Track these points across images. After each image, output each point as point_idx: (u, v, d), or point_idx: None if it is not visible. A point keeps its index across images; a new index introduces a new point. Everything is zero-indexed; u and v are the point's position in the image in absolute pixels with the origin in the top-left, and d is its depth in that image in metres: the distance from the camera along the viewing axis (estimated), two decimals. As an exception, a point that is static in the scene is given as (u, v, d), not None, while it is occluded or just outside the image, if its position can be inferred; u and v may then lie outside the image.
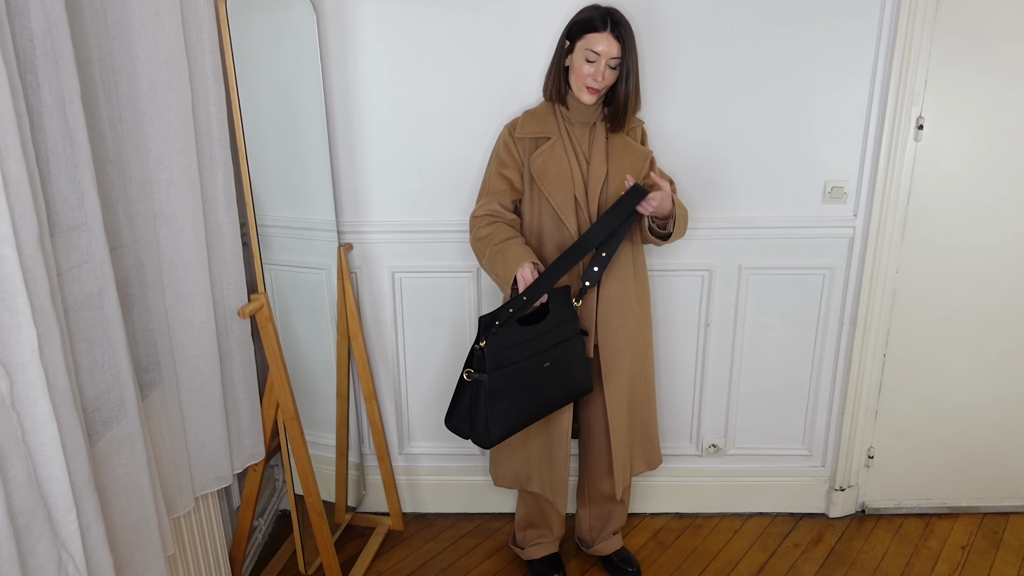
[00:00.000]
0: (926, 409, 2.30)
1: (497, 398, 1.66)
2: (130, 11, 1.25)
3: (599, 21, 1.66)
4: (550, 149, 1.78)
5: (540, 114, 1.83)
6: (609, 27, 1.66)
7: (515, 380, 1.68)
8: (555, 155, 1.78)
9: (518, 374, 1.68)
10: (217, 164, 1.52)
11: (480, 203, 1.87)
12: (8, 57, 0.89)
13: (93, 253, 1.14)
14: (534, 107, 1.87)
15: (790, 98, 2.01)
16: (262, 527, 2.26)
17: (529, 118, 1.83)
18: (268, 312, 1.68)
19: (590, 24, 1.67)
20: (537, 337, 1.71)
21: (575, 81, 1.74)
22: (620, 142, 1.82)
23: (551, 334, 1.74)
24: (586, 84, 1.70)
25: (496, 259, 1.76)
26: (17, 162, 0.90)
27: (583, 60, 1.69)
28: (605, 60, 1.67)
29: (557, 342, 1.75)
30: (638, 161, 1.83)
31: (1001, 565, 2.16)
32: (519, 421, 1.72)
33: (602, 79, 1.69)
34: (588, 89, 1.71)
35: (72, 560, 1.03)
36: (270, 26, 1.78)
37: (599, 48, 1.66)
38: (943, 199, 2.09)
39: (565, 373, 1.77)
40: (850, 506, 2.40)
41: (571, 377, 1.78)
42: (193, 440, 1.54)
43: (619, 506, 2.09)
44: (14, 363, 0.92)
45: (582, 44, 1.69)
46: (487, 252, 1.79)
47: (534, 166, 1.78)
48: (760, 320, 2.22)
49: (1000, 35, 1.95)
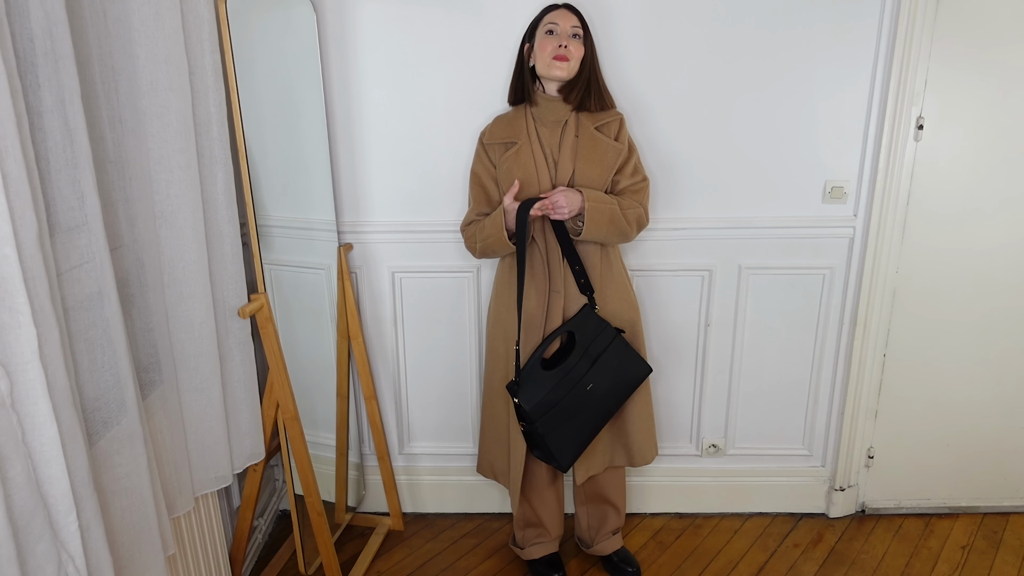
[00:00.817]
0: (926, 409, 2.30)
1: (553, 436, 1.78)
2: (130, 11, 1.25)
3: (552, 5, 1.80)
4: (515, 154, 1.80)
5: (509, 119, 1.85)
6: (563, 6, 1.79)
7: (563, 415, 1.79)
8: (520, 159, 1.79)
9: (564, 411, 1.79)
10: (217, 164, 1.52)
11: (465, 216, 1.96)
12: (8, 57, 0.89)
13: (93, 253, 1.14)
14: (504, 112, 1.91)
15: (790, 98, 2.01)
16: (262, 527, 2.26)
17: (498, 123, 1.87)
18: (268, 312, 1.68)
19: (545, 10, 1.80)
20: (570, 371, 1.79)
21: (542, 63, 1.75)
22: (589, 139, 1.79)
23: (583, 360, 1.80)
24: (553, 55, 1.73)
25: (484, 230, 1.83)
26: (17, 162, 0.90)
27: (544, 37, 1.75)
28: (565, 28, 1.74)
29: (595, 359, 1.80)
30: (609, 156, 1.79)
31: (1001, 565, 2.16)
32: (583, 439, 1.84)
33: (567, 45, 1.72)
34: (557, 59, 1.73)
35: (72, 560, 1.03)
36: (270, 26, 1.78)
37: (557, 20, 1.75)
38: (943, 199, 2.09)
39: (617, 378, 1.84)
40: (850, 506, 2.40)
41: (625, 376, 1.86)
42: (193, 440, 1.54)
43: (613, 507, 2.09)
44: (14, 363, 0.92)
45: (540, 28, 1.77)
46: (477, 238, 1.86)
47: (500, 172, 1.83)
48: (760, 320, 2.22)
49: (1000, 35, 1.95)
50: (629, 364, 1.87)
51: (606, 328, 1.84)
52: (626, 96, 2.01)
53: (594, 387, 1.81)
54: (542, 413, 1.76)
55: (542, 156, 1.80)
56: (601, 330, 1.83)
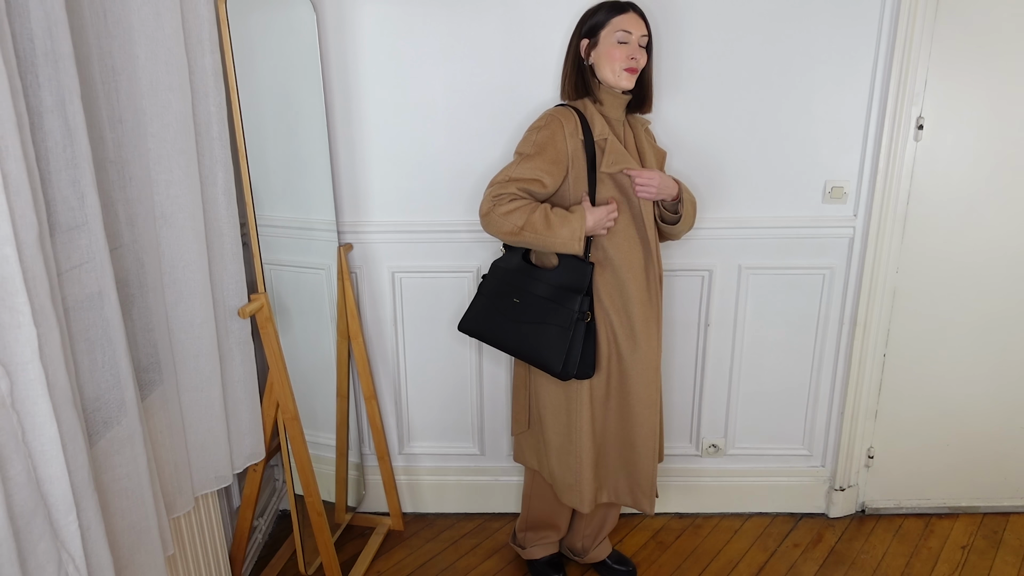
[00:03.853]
0: (926, 409, 2.30)
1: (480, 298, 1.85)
2: (130, 11, 1.25)
3: (617, 5, 1.69)
4: (612, 146, 1.69)
5: (591, 113, 1.74)
6: (631, 8, 1.69)
7: (493, 296, 1.82)
8: (621, 153, 1.70)
9: (497, 294, 1.81)
10: (217, 164, 1.52)
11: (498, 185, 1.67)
12: (8, 57, 0.89)
13: (93, 253, 1.14)
14: (566, 105, 1.77)
15: (790, 98, 2.01)
16: (262, 527, 2.26)
17: (576, 115, 1.71)
18: (268, 312, 1.68)
19: (615, 8, 1.68)
20: (527, 276, 1.75)
21: (609, 69, 1.67)
22: (646, 140, 1.81)
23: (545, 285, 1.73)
24: (625, 67, 1.66)
25: (549, 222, 1.64)
26: (17, 162, 0.90)
27: (614, 45, 1.66)
28: (637, 38, 1.67)
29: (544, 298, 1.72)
30: (661, 160, 1.84)
31: (1001, 565, 2.16)
32: (480, 328, 1.83)
33: (638, 57, 1.67)
34: (627, 71, 1.67)
35: (72, 560, 1.03)
36: (270, 26, 1.78)
37: (630, 27, 1.66)
38: (943, 199, 2.09)
39: (531, 330, 1.74)
40: (850, 506, 2.40)
41: (533, 339, 1.74)
42: (193, 440, 1.54)
43: (613, 509, 2.08)
44: (14, 363, 0.92)
45: (610, 30, 1.67)
46: (528, 221, 1.64)
47: (612, 167, 1.68)
48: (760, 320, 2.22)
49: (1000, 35, 1.95)
50: (551, 339, 1.73)
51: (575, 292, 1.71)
52: (626, 96, 2.01)
53: (520, 304, 1.76)
54: (492, 274, 1.83)
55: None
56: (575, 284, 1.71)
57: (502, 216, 1.65)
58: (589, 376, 1.76)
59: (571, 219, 1.64)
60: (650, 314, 1.77)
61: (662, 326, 1.90)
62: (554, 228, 1.64)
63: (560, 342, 1.71)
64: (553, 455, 1.88)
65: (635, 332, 1.75)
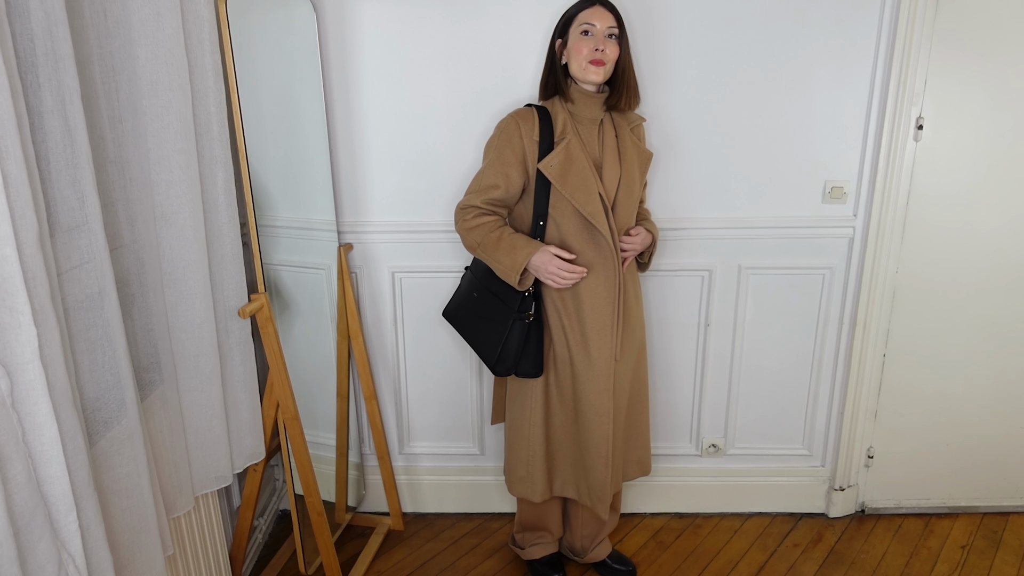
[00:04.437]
0: (926, 409, 2.30)
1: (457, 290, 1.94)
2: (130, 11, 1.25)
3: (586, 1, 1.69)
4: (566, 148, 1.68)
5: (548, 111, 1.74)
6: (598, 2, 1.68)
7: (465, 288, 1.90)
8: (572, 153, 1.68)
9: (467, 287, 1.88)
10: (217, 164, 1.52)
11: (467, 196, 1.78)
12: (8, 57, 0.89)
13: (93, 253, 1.14)
14: (534, 102, 1.82)
15: (790, 98, 2.01)
16: (262, 527, 2.26)
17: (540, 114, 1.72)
18: (268, 312, 1.68)
19: (579, 5, 1.69)
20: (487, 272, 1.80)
21: (577, 65, 1.67)
22: (629, 140, 1.77)
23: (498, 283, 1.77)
24: (590, 59, 1.65)
25: (498, 247, 1.70)
26: (17, 162, 0.90)
27: (579, 38, 1.66)
28: (602, 29, 1.66)
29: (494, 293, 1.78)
30: (644, 162, 1.81)
31: (1001, 565, 2.16)
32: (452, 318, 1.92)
33: (603, 48, 1.65)
34: (593, 64, 1.65)
35: (72, 560, 1.03)
36: (270, 26, 1.78)
37: (594, 20, 1.66)
38: (943, 199, 2.09)
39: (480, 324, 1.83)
40: (850, 506, 2.40)
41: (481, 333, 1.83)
42: (193, 440, 1.54)
43: (612, 511, 2.08)
44: (14, 363, 0.92)
45: (575, 26, 1.68)
46: (483, 241, 1.73)
47: (551, 169, 1.67)
48: (760, 320, 2.22)
49: (1000, 35, 1.95)
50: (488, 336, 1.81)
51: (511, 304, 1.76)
52: (626, 96, 2.01)
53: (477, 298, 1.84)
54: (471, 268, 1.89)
55: (587, 155, 1.71)
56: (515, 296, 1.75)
57: (465, 231, 1.77)
58: (533, 376, 1.80)
59: (517, 251, 1.68)
60: (606, 323, 1.75)
61: (638, 333, 1.87)
62: (500, 254, 1.70)
63: (496, 337, 1.77)
64: (510, 448, 1.93)
65: (587, 340, 1.75)
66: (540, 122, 1.71)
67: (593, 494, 1.86)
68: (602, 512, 1.86)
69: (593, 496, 1.86)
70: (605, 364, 1.76)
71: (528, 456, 1.88)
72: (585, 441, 1.82)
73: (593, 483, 1.84)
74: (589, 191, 1.68)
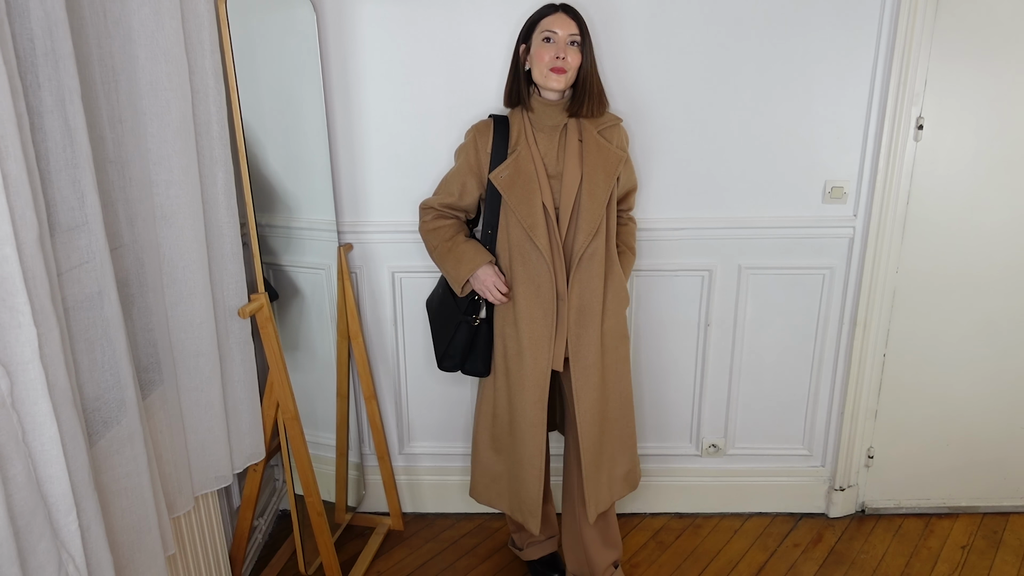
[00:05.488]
0: (926, 409, 2.30)
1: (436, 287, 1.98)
2: (130, 11, 1.25)
3: (549, 7, 1.71)
4: (515, 161, 1.72)
5: (506, 120, 1.78)
6: (561, 8, 1.70)
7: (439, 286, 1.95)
8: (521, 165, 1.72)
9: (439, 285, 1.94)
10: (217, 164, 1.52)
11: (432, 196, 1.89)
12: (8, 57, 0.89)
13: (93, 253, 1.14)
14: (499, 112, 1.85)
15: (790, 98, 2.01)
16: (262, 527, 2.26)
17: (496, 124, 1.77)
18: (268, 312, 1.68)
19: (542, 11, 1.71)
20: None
21: (539, 72, 1.69)
22: (594, 144, 1.75)
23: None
24: (551, 67, 1.66)
25: (448, 256, 1.81)
26: (17, 162, 0.90)
27: (541, 45, 1.67)
28: (564, 36, 1.66)
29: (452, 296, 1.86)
30: (612, 163, 1.75)
31: (1001, 565, 2.16)
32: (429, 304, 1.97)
33: (564, 56, 1.66)
34: (554, 71, 1.66)
35: (72, 560, 1.03)
36: (270, 26, 1.78)
37: (555, 27, 1.67)
38: (943, 199, 2.09)
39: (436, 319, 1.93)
40: (850, 506, 2.40)
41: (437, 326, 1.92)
42: (193, 440, 1.54)
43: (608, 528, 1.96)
44: (14, 363, 0.92)
45: (538, 32, 1.69)
46: (438, 246, 1.84)
47: (500, 180, 1.72)
48: (760, 320, 2.22)
49: (1000, 35, 1.95)
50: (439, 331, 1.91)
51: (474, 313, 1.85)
52: (626, 96, 2.01)
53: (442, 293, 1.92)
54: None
55: (542, 164, 1.73)
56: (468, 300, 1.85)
57: (424, 233, 1.89)
58: (479, 374, 1.88)
59: (463, 264, 1.79)
60: (542, 333, 1.75)
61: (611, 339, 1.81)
62: (448, 264, 1.82)
63: (446, 334, 1.88)
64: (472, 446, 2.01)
65: (522, 348, 1.77)
66: (496, 133, 1.77)
67: (525, 508, 1.87)
68: (533, 527, 1.87)
69: (524, 511, 1.88)
70: (540, 375, 1.77)
71: (475, 462, 1.98)
72: (518, 453, 1.84)
73: (525, 496, 1.86)
74: (531, 204, 1.70)
